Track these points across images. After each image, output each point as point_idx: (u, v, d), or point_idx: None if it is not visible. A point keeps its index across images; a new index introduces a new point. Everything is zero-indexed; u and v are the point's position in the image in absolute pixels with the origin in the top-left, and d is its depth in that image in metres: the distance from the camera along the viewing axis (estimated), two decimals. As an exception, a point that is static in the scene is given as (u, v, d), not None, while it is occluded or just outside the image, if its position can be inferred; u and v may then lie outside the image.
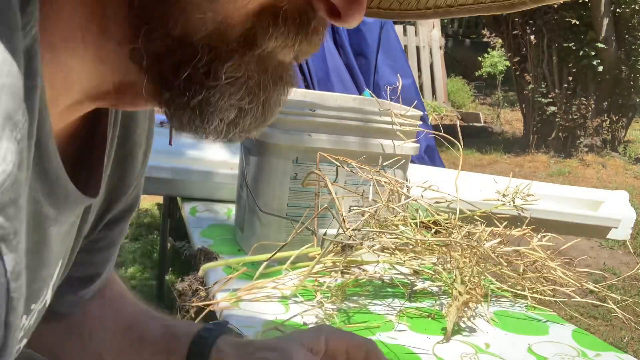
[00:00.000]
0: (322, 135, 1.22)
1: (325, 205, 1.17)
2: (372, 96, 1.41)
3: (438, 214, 1.19)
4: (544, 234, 1.19)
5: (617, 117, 7.10)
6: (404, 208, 1.16)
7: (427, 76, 9.78)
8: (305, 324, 1.01)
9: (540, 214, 1.70)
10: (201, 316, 1.03)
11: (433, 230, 1.20)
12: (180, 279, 1.18)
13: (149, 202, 4.58)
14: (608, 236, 1.87)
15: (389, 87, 1.31)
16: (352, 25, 0.43)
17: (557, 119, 6.94)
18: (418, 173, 1.85)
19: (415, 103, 1.41)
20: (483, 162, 6.65)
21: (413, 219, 1.17)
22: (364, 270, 1.19)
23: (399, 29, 9.26)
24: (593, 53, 6.62)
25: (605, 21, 6.48)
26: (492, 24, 7.84)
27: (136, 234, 3.93)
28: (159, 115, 0.51)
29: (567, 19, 6.59)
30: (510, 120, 9.57)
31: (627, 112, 7.17)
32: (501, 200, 1.23)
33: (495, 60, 9.67)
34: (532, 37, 6.90)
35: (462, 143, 1.17)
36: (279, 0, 0.40)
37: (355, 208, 1.18)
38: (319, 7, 0.43)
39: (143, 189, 0.69)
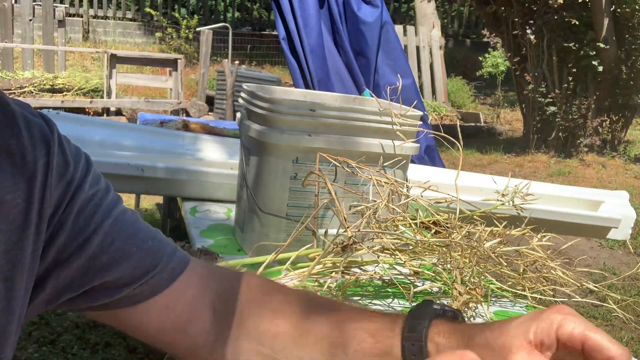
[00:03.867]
0: (322, 135, 1.22)
1: (326, 201, 1.17)
2: (372, 96, 1.41)
3: (438, 214, 1.19)
4: (543, 234, 1.18)
5: (617, 117, 7.10)
6: (404, 208, 1.16)
7: (427, 76, 9.78)
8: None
9: (540, 214, 1.70)
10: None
11: (433, 231, 1.20)
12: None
13: (149, 202, 4.58)
14: (608, 236, 1.87)
15: (389, 87, 1.31)
16: None
17: (557, 119, 6.94)
18: (418, 173, 1.85)
19: (415, 103, 1.41)
20: (483, 162, 6.65)
21: (413, 219, 1.17)
22: (364, 271, 1.19)
23: (399, 29, 9.26)
24: (593, 53, 6.62)
25: (605, 21, 6.48)
26: (492, 24, 7.84)
27: (136, 234, 3.93)
28: (159, 115, 0.50)
29: (567, 19, 6.59)
30: (510, 120, 9.57)
31: (627, 112, 7.17)
32: (500, 200, 1.23)
33: (498, 61, 9.68)
34: (532, 37, 6.90)
35: (462, 143, 1.17)
36: None
37: (355, 204, 1.18)
38: None
39: (143, 189, 0.68)
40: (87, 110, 7.57)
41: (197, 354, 0.68)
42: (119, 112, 7.75)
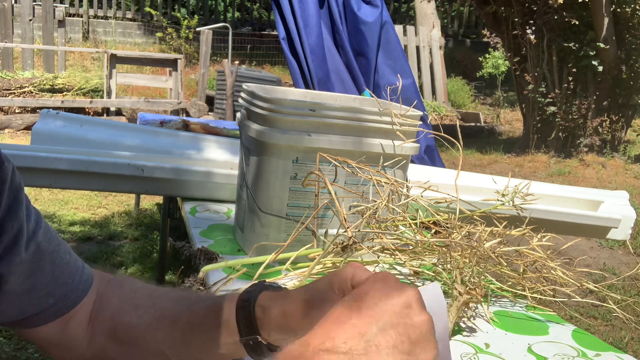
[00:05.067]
0: (322, 135, 1.22)
1: (326, 202, 1.17)
2: (372, 96, 1.41)
3: (438, 214, 1.19)
4: (543, 234, 1.18)
5: (617, 117, 7.11)
6: (404, 208, 1.16)
7: (427, 76, 9.78)
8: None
9: (540, 214, 1.70)
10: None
11: (433, 231, 1.20)
12: (180, 280, 1.18)
13: (149, 202, 4.58)
14: (608, 236, 1.87)
15: (389, 87, 1.31)
16: None
17: (557, 119, 6.94)
18: (418, 173, 1.85)
19: (415, 103, 1.41)
20: (483, 162, 6.65)
21: (413, 219, 1.17)
22: (364, 270, 1.19)
23: (399, 29, 9.26)
24: (593, 53, 6.62)
25: (605, 21, 6.48)
26: (492, 24, 7.84)
27: (136, 234, 3.93)
28: (159, 115, 0.50)
29: (567, 19, 6.59)
30: (510, 120, 9.57)
31: (627, 112, 7.17)
32: (500, 200, 1.23)
33: (499, 62, 9.69)
34: (532, 37, 6.90)
35: (462, 143, 1.17)
36: None
37: (356, 204, 1.18)
38: None
39: (143, 189, 0.69)
40: (87, 110, 7.58)
41: (74, 352, 0.77)
42: (119, 112, 7.75)
